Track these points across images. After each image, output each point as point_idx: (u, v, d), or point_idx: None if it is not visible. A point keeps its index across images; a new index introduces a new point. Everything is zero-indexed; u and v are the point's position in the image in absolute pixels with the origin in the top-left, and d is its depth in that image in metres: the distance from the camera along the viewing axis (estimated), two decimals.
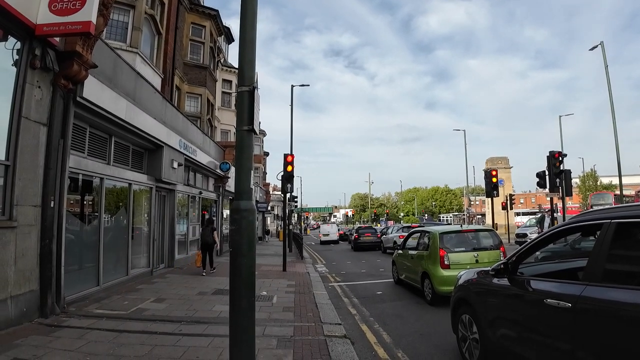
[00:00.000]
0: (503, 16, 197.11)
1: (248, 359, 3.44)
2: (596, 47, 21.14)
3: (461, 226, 10.58)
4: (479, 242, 9.06)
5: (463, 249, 8.69)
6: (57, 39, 6.11)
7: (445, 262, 8.29)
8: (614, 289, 2.81)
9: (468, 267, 7.75)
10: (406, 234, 13.57)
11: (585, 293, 2.95)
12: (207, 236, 12.01)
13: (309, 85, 23.03)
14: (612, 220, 3.06)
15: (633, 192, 47.15)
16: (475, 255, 8.48)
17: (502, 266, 4.18)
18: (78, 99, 6.85)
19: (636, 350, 2.52)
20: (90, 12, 5.66)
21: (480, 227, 11.32)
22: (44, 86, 6.10)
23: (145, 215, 11.16)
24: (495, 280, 4.25)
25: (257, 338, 3.68)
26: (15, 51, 5.68)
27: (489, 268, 4.53)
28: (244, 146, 3.74)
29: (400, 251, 11.28)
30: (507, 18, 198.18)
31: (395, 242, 19.83)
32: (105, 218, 8.62)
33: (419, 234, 10.51)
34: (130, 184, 9.81)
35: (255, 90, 3.79)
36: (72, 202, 7.62)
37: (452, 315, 5.16)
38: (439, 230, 9.42)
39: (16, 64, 5.70)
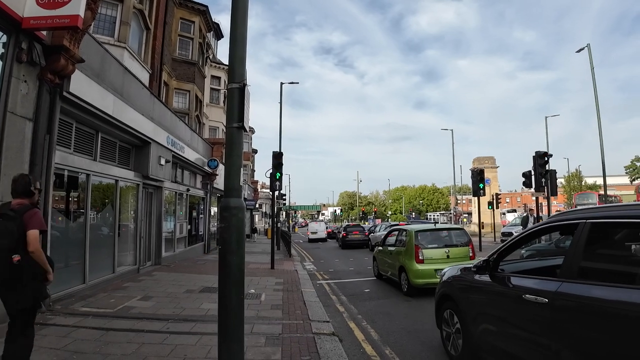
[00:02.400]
0: (492, 17, 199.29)
1: (237, 356, 3.44)
2: (583, 49, 21.48)
3: (435, 225, 11.33)
4: (450, 240, 9.85)
5: (436, 245, 9.48)
6: (44, 32, 6.00)
7: (420, 257, 9.11)
8: (588, 285, 2.96)
9: (440, 262, 8.91)
10: None
11: (561, 289, 3.11)
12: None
13: (298, 83, 23.00)
14: (587, 221, 3.24)
15: (626, 192, 48.08)
16: (447, 251, 9.34)
17: (483, 263, 4.34)
18: (64, 93, 6.75)
19: (609, 343, 2.68)
20: (78, 6, 5.57)
21: (452, 225, 12.26)
22: (30, 80, 6.00)
23: (132, 212, 11.05)
24: (477, 276, 4.39)
25: (245, 336, 3.68)
26: (1, 44, 5.57)
27: (471, 265, 4.71)
28: (233, 143, 3.72)
29: (380, 248, 11.98)
30: (496, 19, 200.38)
31: None
32: (91, 215, 8.51)
33: (397, 232, 11.27)
34: (116, 181, 9.70)
35: (246, 88, 3.78)
36: (57, 198, 7.51)
37: (436, 311, 5.30)
38: (414, 228, 10.16)
39: (2, 57, 5.59)
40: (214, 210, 20.68)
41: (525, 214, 19.06)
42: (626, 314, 2.57)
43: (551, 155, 15.13)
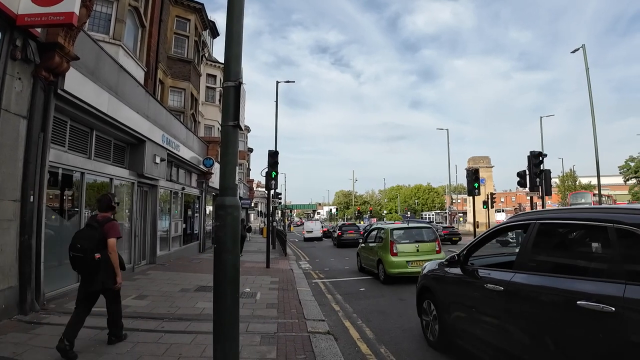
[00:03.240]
0: (488, 17, 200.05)
1: (232, 355, 3.44)
2: (578, 50, 21.59)
3: (408, 224, 13.58)
4: (420, 236, 11.64)
5: (408, 241, 11.26)
6: (39, 29, 5.97)
7: (394, 251, 10.83)
8: (534, 275, 3.55)
9: (411, 255, 10.81)
10: None
11: (513, 279, 3.69)
12: (241, 230, 14.76)
13: (294, 81, 22.96)
14: (536, 221, 3.81)
15: (620, 192, 48.28)
16: (417, 246, 11.09)
17: (455, 258, 4.92)
18: (59, 91, 6.71)
19: (548, 321, 3.20)
20: (73, 3, 5.56)
21: (422, 224, 14.15)
22: (24, 78, 5.96)
23: (127, 210, 11.00)
24: (450, 269, 4.98)
25: (240, 335, 3.69)
26: None
27: (444, 260, 5.33)
28: (229, 142, 3.71)
29: (363, 244, 13.83)
30: (492, 19, 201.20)
31: None
32: (85, 213, 8.46)
33: (376, 230, 13.18)
34: (111, 179, 9.66)
35: (241, 86, 3.78)
36: (51, 196, 7.47)
37: (417, 302, 5.94)
38: (390, 227, 12.05)
39: None
40: (209, 209, 20.64)
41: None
42: (560, 298, 3.13)
43: (546, 155, 15.24)
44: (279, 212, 41.31)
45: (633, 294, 2.58)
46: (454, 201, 66.68)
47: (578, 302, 2.88)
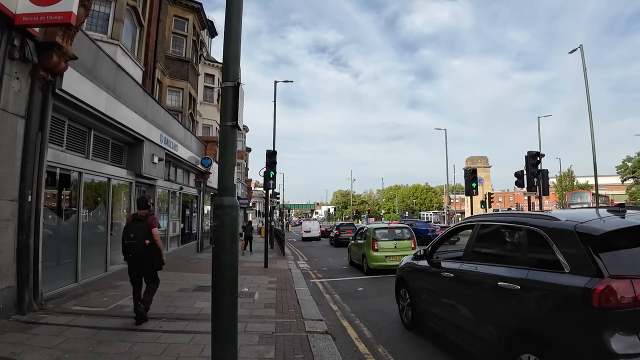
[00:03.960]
0: (487, 17, 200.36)
1: (230, 355, 3.45)
2: (575, 50, 21.63)
3: (389, 224, 15.98)
4: (398, 235, 13.50)
5: (387, 239, 13.11)
6: (37, 29, 5.96)
7: (375, 247, 12.65)
8: (474, 264, 4.49)
9: (389, 251, 12.55)
10: None
11: (460, 267, 4.70)
12: (248, 231, 19.80)
13: (292, 81, 22.98)
14: (478, 223, 4.87)
15: (618, 192, 48.25)
16: (395, 243, 12.91)
17: (422, 252, 5.99)
18: (57, 91, 6.70)
19: (482, 299, 4.13)
20: (71, 3, 5.55)
21: (400, 224, 15.63)
22: (22, 77, 5.95)
23: (125, 210, 10.98)
24: (419, 262, 5.98)
25: (239, 334, 3.69)
26: None
27: (415, 254, 6.48)
28: (227, 142, 3.72)
29: (352, 242, 15.94)
30: (491, 19, 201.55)
31: None
32: (83, 213, 8.46)
33: (363, 229, 15.23)
34: (109, 179, 9.64)
35: (240, 86, 3.78)
36: (49, 196, 7.45)
37: (395, 290, 6.90)
38: (373, 227, 14.08)
39: None
40: (207, 208, 20.61)
41: None
42: (488, 280, 4.06)
43: (543, 155, 15.27)
44: (277, 211, 41.34)
45: (533, 276, 3.51)
46: (451, 201, 66.64)
47: (499, 283, 3.83)
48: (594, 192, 24.82)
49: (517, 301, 3.58)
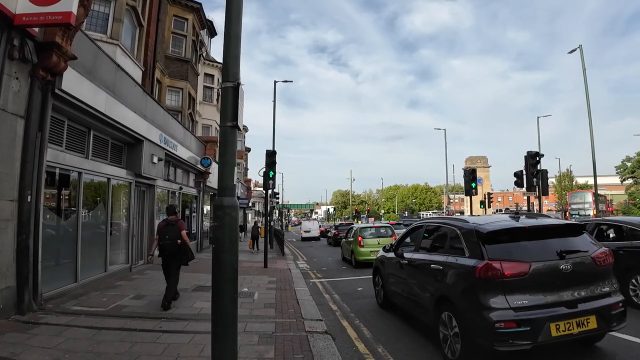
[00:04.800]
0: (486, 17, 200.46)
1: (230, 355, 3.45)
2: (575, 50, 21.62)
3: (373, 224, 19.65)
4: (381, 233, 15.81)
5: (371, 236, 15.40)
6: (37, 29, 5.96)
7: (362, 244, 14.78)
8: (420, 253, 6.12)
9: (374, 246, 14.25)
10: None
11: (412, 256, 6.26)
12: (255, 231, 21.57)
13: (292, 81, 22.97)
14: (425, 223, 6.61)
15: (617, 192, 48.21)
16: (378, 240, 14.89)
17: (389, 246, 7.69)
18: (56, 91, 6.70)
19: (425, 277, 5.56)
20: (70, 3, 5.55)
21: (383, 224, 18.63)
22: (22, 77, 5.95)
23: (124, 210, 10.99)
24: (388, 254, 7.45)
25: (238, 334, 3.69)
26: None
27: (385, 247, 8.20)
28: (227, 142, 3.72)
29: (344, 240, 18.41)
30: (490, 19, 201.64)
31: None
32: (83, 213, 8.46)
33: (352, 229, 17.97)
34: (109, 179, 9.64)
35: (240, 86, 3.78)
36: (49, 196, 7.45)
37: (372, 278, 8.48)
38: (359, 226, 16.93)
39: None
40: (206, 208, 20.60)
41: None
42: (426, 264, 5.59)
43: (542, 155, 15.26)
44: (277, 211, 41.34)
45: (450, 260, 5.05)
46: (451, 201, 66.67)
47: (431, 265, 5.39)
48: (594, 192, 24.84)
49: (441, 277, 5.12)
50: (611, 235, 8.03)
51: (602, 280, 4.55)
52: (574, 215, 32.85)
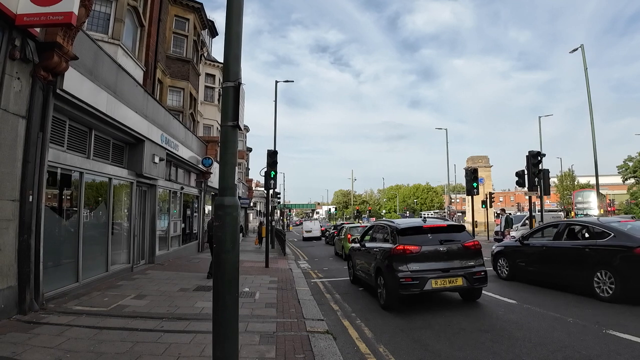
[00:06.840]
0: (488, 17, 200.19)
1: (231, 355, 3.45)
2: (576, 49, 21.61)
3: (360, 223, 25.38)
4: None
5: (358, 234, 15.77)
6: (38, 29, 5.96)
7: (350, 240, 15.38)
8: (372, 243, 9.13)
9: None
10: None
11: (367, 245, 9.28)
12: (260, 229, 24.39)
13: (293, 81, 23.00)
14: (375, 224, 10.23)
15: (619, 192, 47.97)
16: None
17: (356, 240, 11.26)
18: (58, 91, 6.70)
19: (370, 258, 8.71)
20: (72, 3, 5.55)
21: (370, 224, 19.47)
22: (23, 78, 5.96)
23: (126, 210, 11.00)
24: (355, 246, 10.43)
25: (239, 334, 3.69)
26: None
27: (353, 242, 11.94)
28: (228, 142, 3.72)
29: (337, 237, 21.30)
30: (491, 19, 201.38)
31: None
32: (84, 213, 8.46)
33: (343, 228, 21.27)
34: (110, 179, 9.65)
35: (240, 86, 3.78)
36: (50, 196, 7.45)
37: (347, 262, 11.74)
38: (349, 226, 20.66)
39: None
40: (208, 208, 20.62)
41: (505, 215, 20.66)
42: (374, 250, 8.63)
43: (544, 155, 15.27)
44: (278, 211, 41.35)
45: (382, 246, 8.21)
46: (452, 200, 66.62)
47: (374, 249, 8.49)
48: (596, 191, 24.77)
49: (378, 256, 8.07)
50: (586, 235, 8.43)
51: (470, 258, 7.42)
52: (579, 215, 32.72)
